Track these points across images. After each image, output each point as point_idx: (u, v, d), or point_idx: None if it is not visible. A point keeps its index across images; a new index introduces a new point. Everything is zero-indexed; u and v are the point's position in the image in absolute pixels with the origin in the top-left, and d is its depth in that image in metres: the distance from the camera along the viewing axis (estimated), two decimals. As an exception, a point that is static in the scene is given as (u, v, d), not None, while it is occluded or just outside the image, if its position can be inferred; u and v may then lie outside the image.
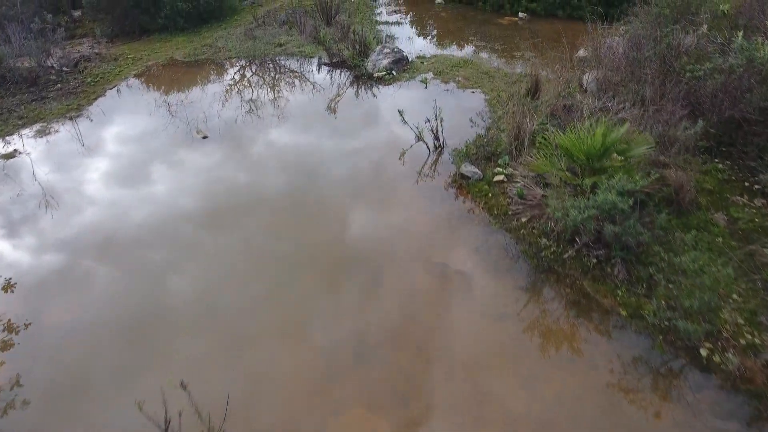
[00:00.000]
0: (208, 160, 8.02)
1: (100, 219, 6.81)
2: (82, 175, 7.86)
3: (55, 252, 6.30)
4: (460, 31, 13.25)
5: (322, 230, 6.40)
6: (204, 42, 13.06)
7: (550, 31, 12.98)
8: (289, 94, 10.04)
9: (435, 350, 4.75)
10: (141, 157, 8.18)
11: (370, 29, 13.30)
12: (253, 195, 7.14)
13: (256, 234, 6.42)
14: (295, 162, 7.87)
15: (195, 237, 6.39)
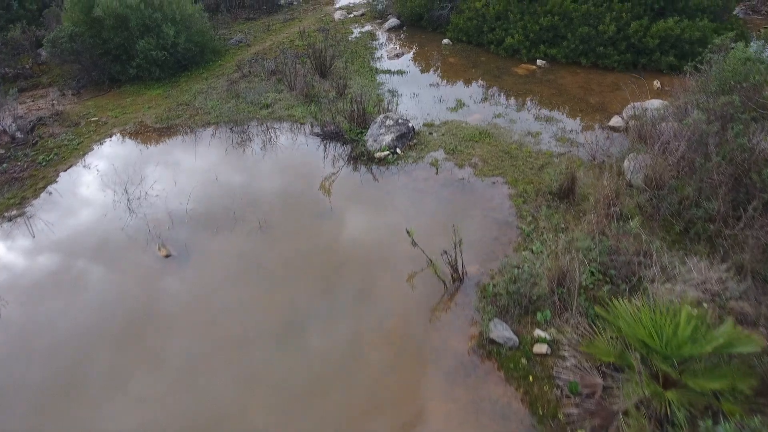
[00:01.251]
0: (168, 299, 6.32)
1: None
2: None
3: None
4: (472, 83, 11.52)
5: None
6: (181, 98, 11.33)
7: (573, 84, 11.28)
8: (274, 184, 8.33)
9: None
10: (68, 306, 6.39)
11: (369, 81, 11.60)
12: (218, 373, 5.46)
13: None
14: (272, 305, 6.17)
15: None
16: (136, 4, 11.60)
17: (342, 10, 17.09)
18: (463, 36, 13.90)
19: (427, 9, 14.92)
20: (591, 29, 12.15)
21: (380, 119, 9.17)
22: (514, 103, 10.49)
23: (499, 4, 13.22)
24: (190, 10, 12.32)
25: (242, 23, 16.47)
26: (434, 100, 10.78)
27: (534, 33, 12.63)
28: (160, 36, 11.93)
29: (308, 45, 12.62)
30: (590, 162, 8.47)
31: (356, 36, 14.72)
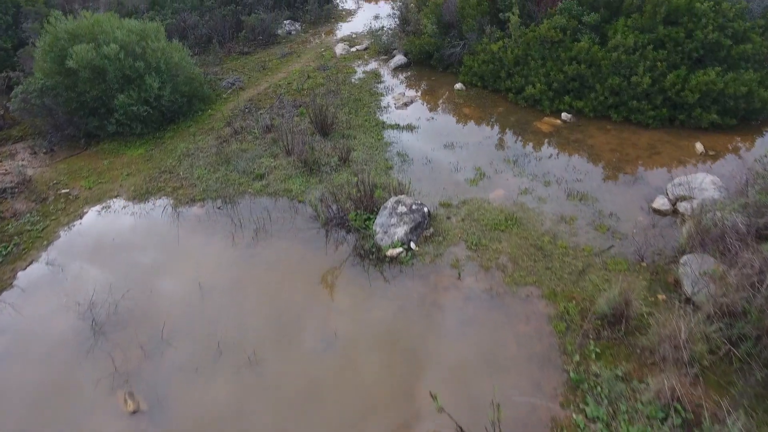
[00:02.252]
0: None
1: None
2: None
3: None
4: (492, 143, 10.21)
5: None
6: (164, 162, 10.00)
7: (605, 145, 9.98)
8: (267, 294, 7.02)
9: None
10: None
11: (376, 140, 10.31)
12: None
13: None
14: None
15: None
16: (115, 54, 10.26)
17: (344, 43, 15.75)
18: (478, 81, 12.58)
19: (437, 47, 13.59)
20: (622, 80, 10.84)
21: (391, 204, 7.85)
22: (540, 173, 9.19)
23: (518, 48, 11.89)
24: (177, 58, 10.97)
25: (236, 58, 15.12)
26: (450, 168, 9.46)
27: (558, 82, 11.30)
28: (142, 88, 10.60)
29: (308, 102, 11.29)
30: (638, 263, 7.16)
31: (360, 77, 13.39)
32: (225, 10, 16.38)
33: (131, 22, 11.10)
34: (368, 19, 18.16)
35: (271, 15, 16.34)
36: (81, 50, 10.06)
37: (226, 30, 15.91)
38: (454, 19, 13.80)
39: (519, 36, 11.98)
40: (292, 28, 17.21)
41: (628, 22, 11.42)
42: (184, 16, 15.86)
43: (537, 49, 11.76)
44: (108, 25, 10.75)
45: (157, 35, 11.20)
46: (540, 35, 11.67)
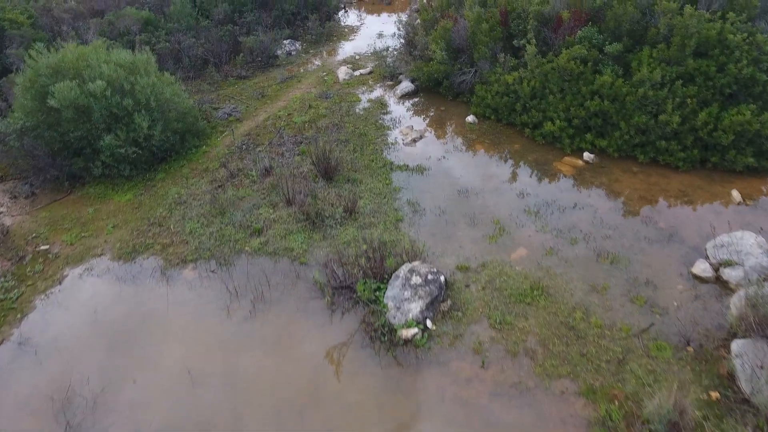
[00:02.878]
0: None
1: None
2: None
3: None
4: (510, 189, 9.38)
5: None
6: (154, 211, 9.15)
7: (632, 191, 9.15)
8: (264, 387, 6.17)
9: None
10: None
11: (384, 186, 9.46)
12: None
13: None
14: None
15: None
16: (101, 91, 9.39)
17: (347, 66, 14.87)
18: (491, 113, 11.72)
19: (446, 74, 12.72)
20: (649, 118, 10.00)
21: (404, 273, 6.99)
22: (565, 227, 8.34)
23: (534, 79, 11.03)
24: (168, 93, 10.09)
25: (233, 83, 14.24)
26: (466, 220, 8.60)
27: (579, 118, 10.45)
28: (130, 127, 9.73)
29: (310, 136, 10.43)
30: (683, 347, 6.32)
31: (365, 106, 12.53)
32: (222, 31, 15.48)
33: (120, 55, 10.23)
34: (372, 37, 17.32)
35: (270, 36, 15.45)
36: (63, 88, 9.19)
37: (223, 52, 15.02)
38: (465, 44, 12.94)
39: (535, 66, 11.11)
40: (292, 48, 16.33)
41: (653, 53, 10.56)
42: (178, 37, 14.97)
43: (555, 81, 10.91)
44: (94, 59, 9.88)
45: (147, 69, 10.32)
46: (559, 67, 10.80)
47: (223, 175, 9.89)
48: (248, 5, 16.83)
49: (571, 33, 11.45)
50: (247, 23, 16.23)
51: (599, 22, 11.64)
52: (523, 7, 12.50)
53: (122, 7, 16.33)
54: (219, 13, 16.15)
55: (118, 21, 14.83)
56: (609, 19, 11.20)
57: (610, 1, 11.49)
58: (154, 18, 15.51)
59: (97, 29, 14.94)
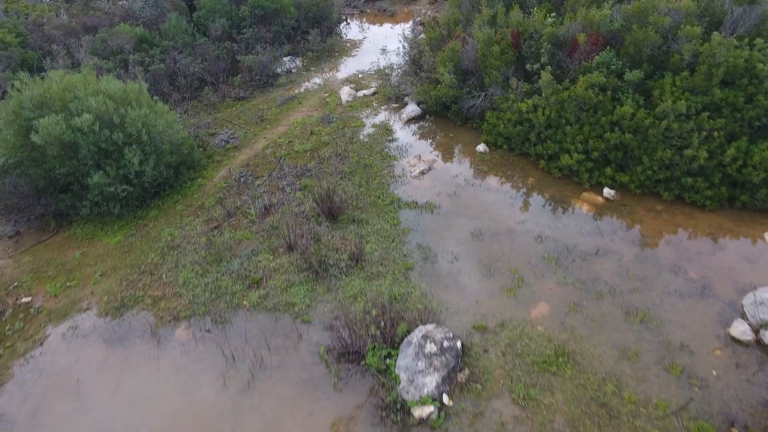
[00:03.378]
0: None
1: None
2: None
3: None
4: (527, 230, 8.71)
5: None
6: (145, 256, 8.48)
7: (658, 235, 8.51)
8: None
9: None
10: None
11: (391, 227, 8.80)
12: None
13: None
14: None
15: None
16: (88, 125, 8.73)
17: (349, 85, 14.19)
18: (503, 142, 11.06)
19: (454, 99, 12.05)
20: (674, 153, 9.34)
21: (417, 340, 6.34)
22: (589, 278, 7.69)
23: (550, 108, 10.36)
24: (161, 126, 9.42)
25: (231, 105, 13.57)
26: (481, 269, 7.95)
27: (598, 151, 9.79)
28: (120, 163, 9.07)
29: (312, 168, 9.77)
30: (725, 427, 5.67)
31: (369, 132, 11.87)
32: (220, 49, 14.80)
33: (109, 84, 9.55)
34: (375, 52, 16.65)
35: (269, 54, 14.76)
36: (48, 124, 8.52)
37: (220, 72, 14.34)
38: (474, 65, 12.27)
39: (551, 93, 10.45)
40: (292, 66, 15.65)
41: (676, 81, 9.91)
42: (174, 55, 14.28)
43: (572, 110, 10.25)
44: (82, 90, 9.20)
45: (138, 99, 9.65)
46: (576, 95, 10.13)
47: (219, 214, 9.23)
48: (247, 20, 16.14)
49: (587, 57, 10.79)
50: (245, 39, 15.54)
51: (617, 46, 10.99)
52: (535, 27, 11.83)
53: (116, 23, 15.66)
54: (216, 29, 15.47)
55: (111, 39, 14.15)
56: (628, 43, 10.54)
57: (629, 25, 10.82)
58: (149, 35, 14.83)
59: (89, 47, 14.26)
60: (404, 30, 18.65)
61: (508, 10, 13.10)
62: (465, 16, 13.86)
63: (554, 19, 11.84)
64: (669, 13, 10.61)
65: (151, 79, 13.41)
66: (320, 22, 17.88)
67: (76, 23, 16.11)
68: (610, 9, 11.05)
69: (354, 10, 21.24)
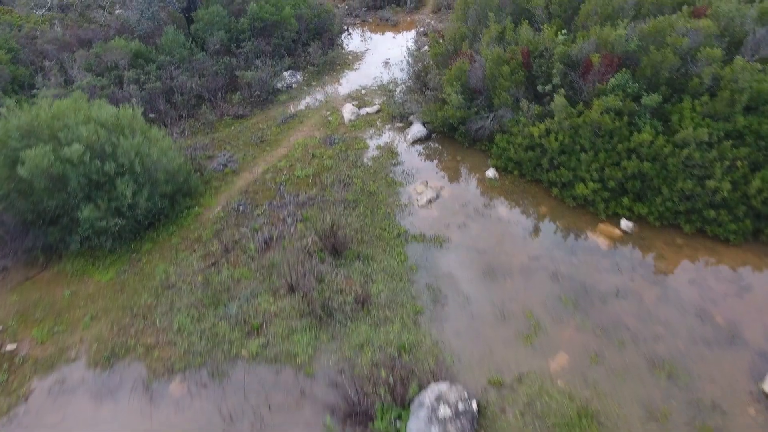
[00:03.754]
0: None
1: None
2: None
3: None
4: (541, 268, 8.23)
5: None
6: (138, 296, 8.01)
7: (680, 273, 8.03)
8: None
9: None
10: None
11: (398, 263, 8.35)
12: None
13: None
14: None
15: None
16: (78, 156, 8.24)
17: (352, 102, 13.70)
18: (514, 167, 10.56)
19: (462, 120, 11.55)
20: (695, 183, 8.84)
21: (430, 402, 5.85)
22: (609, 323, 7.21)
23: (563, 133, 9.86)
24: (156, 155, 8.92)
25: (229, 123, 13.08)
26: (495, 314, 7.46)
27: (614, 180, 9.29)
28: (112, 195, 8.58)
29: (315, 197, 9.30)
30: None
31: (373, 154, 11.38)
32: (218, 64, 14.29)
33: (102, 110, 9.07)
34: (377, 65, 16.17)
35: (269, 70, 14.26)
36: (35, 156, 8.03)
37: (218, 88, 13.84)
38: (482, 85, 11.78)
39: (564, 118, 9.95)
40: (293, 80, 15.15)
41: (696, 107, 9.41)
42: (170, 71, 13.78)
43: (587, 136, 9.75)
44: (72, 118, 8.71)
45: (132, 125, 9.15)
46: (591, 120, 9.64)
47: (216, 249, 8.74)
48: (246, 33, 15.64)
49: (601, 79, 10.30)
50: (245, 53, 15.03)
51: (632, 67, 10.50)
52: (545, 45, 11.33)
53: (111, 36, 15.16)
54: (215, 42, 14.97)
55: (106, 54, 13.64)
56: (645, 65, 10.05)
57: (646, 45, 10.33)
58: (145, 49, 14.33)
59: (83, 63, 13.76)
60: (407, 41, 18.19)
61: (517, 25, 12.61)
62: (471, 30, 13.35)
63: (565, 36, 11.34)
64: (687, 34, 10.11)
65: (147, 97, 12.91)
66: (321, 33, 17.37)
67: (71, 36, 15.60)
68: (625, 28, 10.55)
69: (355, 19, 20.74)
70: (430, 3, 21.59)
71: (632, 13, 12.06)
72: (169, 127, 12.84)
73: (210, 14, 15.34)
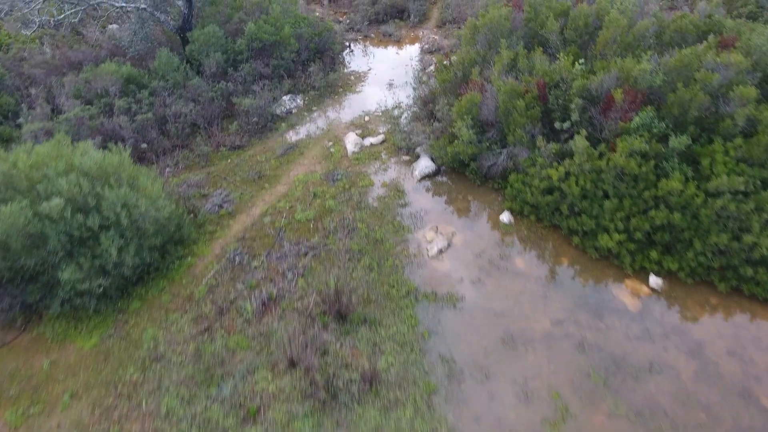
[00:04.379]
0: None
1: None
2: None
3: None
4: (564, 336, 7.47)
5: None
6: (123, 373, 7.27)
7: (715, 337, 7.28)
8: None
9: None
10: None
11: (408, 328, 7.63)
12: None
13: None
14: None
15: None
16: (58, 211, 7.45)
17: (354, 130, 12.93)
18: (531, 211, 9.80)
19: (473, 157, 10.77)
20: (730, 238, 8.07)
21: None
22: (645, 406, 6.48)
23: (584, 177, 9.08)
24: (144, 206, 8.14)
25: (226, 155, 12.31)
26: (517, 392, 6.72)
27: (641, 231, 8.52)
28: (96, 252, 7.79)
29: (316, 244, 8.55)
30: None
31: (379, 193, 10.62)
32: (214, 90, 13.49)
33: (85, 157, 8.28)
34: (381, 86, 15.40)
35: (268, 95, 13.47)
36: (10, 214, 7.25)
37: (214, 117, 13.05)
38: (494, 117, 11.01)
39: (585, 160, 9.18)
40: (293, 105, 14.36)
41: (729, 150, 8.64)
42: (164, 97, 12.99)
43: (610, 181, 8.97)
44: (52, 167, 7.93)
45: (118, 172, 8.37)
46: (615, 164, 8.87)
47: (210, 311, 7.97)
48: (244, 53, 14.83)
49: (624, 116, 9.52)
50: (242, 77, 14.23)
51: (657, 102, 9.73)
52: (561, 75, 10.54)
53: (102, 58, 14.35)
54: (211, 65, 14.16)
55: (96, 80, 12.83)
56: (671, 103, 9.28)
57: (672, 80, 9.55)
58: (137, 74, 13.52)
59: (72, 89, 12.95)
60: (411, 59, 17.41)
61: (529, 51, 11.83)
62: (481, 55, 12.56)
63: (583, 65, 10.56)
64: (717, 69, 9.34)
65: (139, 128, 12.13)
66: (322, 52, 16.57)
67: (60, 57, 14.79)
68: (648, 61, 9.77)
69: (357, 35, 19.93)
70: (434, 17, 20.80)
71: (653, 40, 11.30)
72: (162, 159, 12.06)
73: (206, 35, 14.53)
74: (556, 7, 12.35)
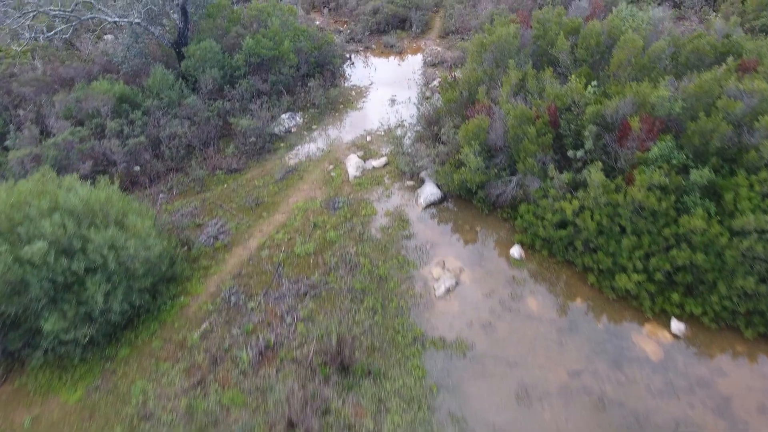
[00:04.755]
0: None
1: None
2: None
3: None
4: (581, 384, 6.93)
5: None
6: (116, 424, 6.66)
7: (745, 392, 6.80)
8: None
9: None
10: None
11: (415, 382, 7.12)
12: None
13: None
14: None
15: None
16: (41, 256, 6.91)
17: (356, 152, 12.40)
18: (543, 246, 9.28)
19: (480, 184, 10.23)
20: (758, 281, 7.55)
21: None
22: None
23: (599, 212, 8.55)
24: (133, 248, 7.60)
25: (222, 179, 11.77)
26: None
27: (661, 271, 7.99)
28: (81, 297, 7.25)
29: (317, 283, 8.03)
30: None
31: (382, 223, 10.09)
32: (210, 110, 12.95)
33: (70, 194, 7.74)
34: (383, 102, 14.86)
35: (266, 114, 12.94)
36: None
37: (210, 138, 12.51)
38: (502, 142, 10.47)
39: (601, 194, 8.64)
40: (292, 124, 13.83)
41: (754, 184, 8.11)
42: (157, 117, 12.45)
43: (627, 216, 8.43)
44: (35, 206, 7.39)
45: (106, 211, 7.83)
46: (632, 199, 8.33)
47: (203, 360, 7.44)
48: (242, 69, 14.28)
49: (641, 146, 8.99)
50: (240, 94, 13.68)
51: (676, 131, 9.21)
52: (573, 98, 10.00)
53: (95, 74, 13.81)
54: (207, 82, 13.61)
55: (87, 99, 12.28)
56: (692, 133, 8.74)
57: (691, 106, 9.02)
58: (130, 92, 12.97)
59: (63, 109, 12.41)
60: (414, 72, 16.88)
61: (539, 71, 11.30)
62: (488, 74, 12.01)
63: (595, 88, 10.03)
64: (740, 96, 8.81)
65: (131, 150, 11.60)
66: (323, 66, 16.02)
67: (51, 73, 14.23)
68: (666, 87, 9.23)
69: (358, 45, 19.38)
70: (437, 27, 20.24)
71: (668, 61, 10.76)
72: (155, 183, 11.53)
73: (202, 49, 13.97)
74: (567, 24, 11.80)
